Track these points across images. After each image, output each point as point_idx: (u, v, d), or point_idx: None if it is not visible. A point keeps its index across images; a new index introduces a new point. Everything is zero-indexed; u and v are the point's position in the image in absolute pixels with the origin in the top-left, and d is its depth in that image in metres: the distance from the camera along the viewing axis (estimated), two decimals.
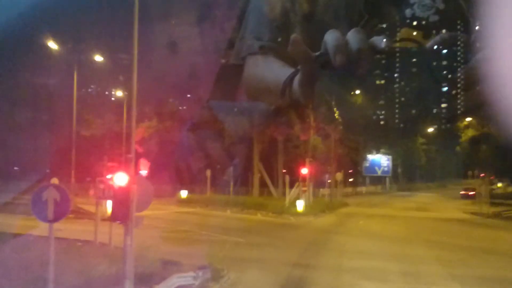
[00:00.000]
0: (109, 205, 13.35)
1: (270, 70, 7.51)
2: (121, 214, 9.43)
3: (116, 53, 33.36)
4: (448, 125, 74.46)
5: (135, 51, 10.76)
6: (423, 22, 7.37)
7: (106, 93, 50.02)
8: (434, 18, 7.22)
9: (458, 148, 54.28)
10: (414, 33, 7.45)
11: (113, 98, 47.14)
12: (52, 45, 28.77)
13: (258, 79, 7.75)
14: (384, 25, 7.76)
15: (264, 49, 7.61)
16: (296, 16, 7.66)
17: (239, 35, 8.26)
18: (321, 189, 41.23)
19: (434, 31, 7.37)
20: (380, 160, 63.12)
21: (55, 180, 17.75)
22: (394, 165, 64.86)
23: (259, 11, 7.97)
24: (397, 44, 7.67)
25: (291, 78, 6.53)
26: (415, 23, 7.44)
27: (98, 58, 31.74)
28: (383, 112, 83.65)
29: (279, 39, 7.63)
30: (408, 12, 7.49)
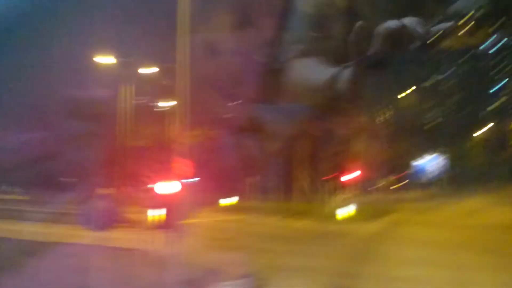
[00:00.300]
0: (155, 213, 13.66)
1: (315, 70, 7.50)
2: (166, 222, 9.63)
3: (163, 63, 34.17)
4: (503, 124, 71.37)
5: (183, 58, 10.98)
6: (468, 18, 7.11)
7: (155, 103, 51.32)
8: (480, 13, 6.95)
9: None
10: (460, 30, 7.21)
11: (161, 109, 48.23)
12: (101, 59, 29.82)
13: (302, 80, 7.75)
14: (427, 21, 7.56)
15: (306, 52, 7.62)
16: (336, 19, 7.62)
17: (279, 40, 8.30)
18: (368, 195, 40.38)
19: (481, 27, 7.10)
20: (432, 163, 61.14)
21: (104, 190, 18.36)
22: (447, 168, 62.64)
23: (299, 16, 7.99)
24: (442, 42, 7.45)
25: (339, 74, 6.51)
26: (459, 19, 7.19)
27: (153, 69, 32.68)
28: (434, 113, 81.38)
29: (320, 42, 7.61)
30: (452, 8, 7.24)
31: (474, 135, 67.89)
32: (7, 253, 13.20)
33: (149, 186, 14.61)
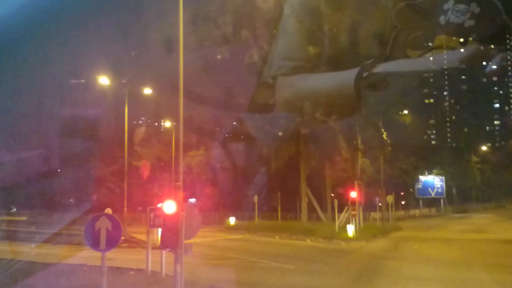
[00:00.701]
0: (160, 233, 13.55)
1: (308, 85, 7.49)
2: (171, 242, 9.55)
3: (163, 83, 34.33)
4: (503, 143, 71.51)
5: (181, 80, 11.03)
6: (459, 28, 7.12)
7: (156, 124, 51.54)
8: (470, 23, 6.95)
9: None
10: (449, 40, 7.20)
11: (162, 129, 48.45)
12: (104, 80, 29.97)
13: (295, 95, 7.74)
14: (418, 34, 7.56)
15: (297, 68, 7.63)
16: (326, 35, 7.65)
17: (269, 57, 8.35)
18: (372, 213, 40.23)
19: (471, 37, 7.10)
20: (433, 181, 61.09)
21: (107, 210, 18.27)
22: (448, 186, 62.60)
23: (289, 33, 8.02)
24: (432, 52, 7.42)
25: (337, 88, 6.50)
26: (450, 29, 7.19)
27: (147, 91, 32.79)
28: (434, 131, 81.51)
29: (311, 58, 7.64)
30: (442, 19, 7.25)
31: (478, 151, 68.07)
32: (10, 273, 13.08)
33: (154, 206, 14.52)
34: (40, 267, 14.63)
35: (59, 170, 44.15)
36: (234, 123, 42.89)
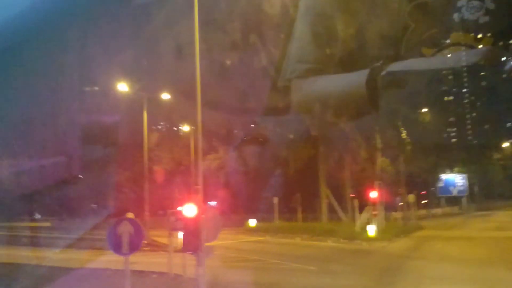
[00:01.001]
0: (181, 236, 13.66)
1: (321, 87, 7.49)
2: (192, 245, 9.61)
3: (180, 89, 34.56)
4: None
5: (198, 85, 11.13)
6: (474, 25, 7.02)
7: (174, 128, 51.92)
8: (485, 19, 6.86)
9: None
10: (465, 37, 7.11)
11: (181, 133, 48.78)
12: (123, 87, 30.32)
13: (309, 97, 7.74)
14: (433, 32, 7.48)
15: (310, 71, 7.63)
16: (339, 36, 7.62)
17: (284, 61, 8.36)
18: (393, 213, 39.83)
19: (487, 33, 7.00)
20: (455, 179, 60.21)
21: (130, 214, 18.44)
22: (470, 184, 61.60)
23: (302, 36, 8.02)
24: (449, 50, 7.34)
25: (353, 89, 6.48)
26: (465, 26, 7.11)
27: (165, 96, 33.05)
28: (454, 129, 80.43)
29: (324, 60, 7.63)
30: (456, 16, 7.17)
31: (500, 147, 66.95)
32: (35, 279, 13.31)
33: (174, 209, 14.64)
34: (64, 272, 14.86)
35: (80, 176, 44.77)
36: (252, 125, 42.98)
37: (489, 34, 7.03)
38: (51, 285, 12.33)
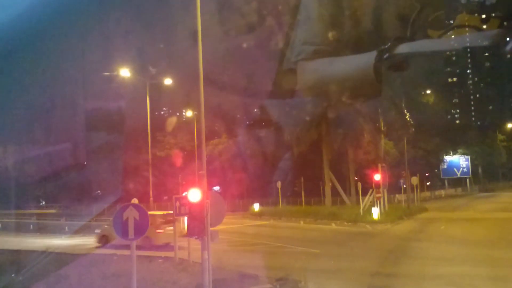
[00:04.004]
0: (186, 221, 13.76)
1: (328, 69, 7.47)
2: (197, 230, 9.67)
3: (186, 73, 34.35)
4: None
5: (201, 70, 11.09)
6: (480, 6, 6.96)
7: (177, 114, 51.86)
8: (491, 0, 6.79)
9: None
10: (471, 18, 7.05)
11: (184, 119, 48.67)
12: (125, 72, 30.08)
13: (316, 79, 7.72)
14: (439, 14, 7.42)
15: (317, 53, 7.59)
16: (346, 18, 7.57)
17: (290, 43, 8.31)
18: (396, 195, 39.91)
19: (492, 14, 6.93)
20: (459, 161, 60.21)
21: (134, 200, 18.59)
22: (474, 165, 61.58)
23: (309, 18, 7.97)
24: (454, 31, 7.27)
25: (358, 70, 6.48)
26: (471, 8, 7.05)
27: (168, 81, 32.81)
28: (458, 110, 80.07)
29: (331, 42, 7.59)
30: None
31: (504, 129, 66.61)
32: (43, 265, 13.47)
33: (180, 194, 14.74)
34: (71, 257, 15.04)
35: (85, 163, 45.01)
36: (256, 110, 42.90)
37: (493, 15, 6.95)
38: (59, 270, 12.47)
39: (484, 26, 6.88)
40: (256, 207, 36.52)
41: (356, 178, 37.08)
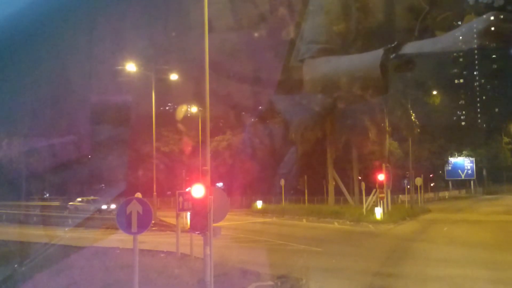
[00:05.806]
0: (189, 217, 13.80)
1: (333, 67, 7.48)
2: (200, 225, 9.70)
3: (190, 68, 34.29)
4: None
5: (207, 68, 11.10)
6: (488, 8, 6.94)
7: (183, 109, 51.81)
8: (500, 2, 6.76)
9: None
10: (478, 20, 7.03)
11: (189, 115, 48.59)
12: (131, 67, 30.06)
13: (321, 77, 7.74)
14: (447, 15, 7.41)
15: (323, 51, 7.60)
16: (352, 17, 7.56)
17: (297, 41, 8.32)
18: (400, 195, 39.86)
19: (501, 16, 6.90)
20: (463, 162, 60.02)
21: (137, 194, 18.62)
22: (478, 168, 61.39)
23: (316, 16, 7.97)
24: (461, 32, 7.25)
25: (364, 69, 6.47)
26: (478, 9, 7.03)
27: (173, 76, 32.79)
28: (463, 112, 79.64)
29: (336, 40, 7.59)
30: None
31: (509, 131, 66.28)
32: (45, 256, 13.55)
33: (184, 190, 14.80)
34: (74, 250, 15.13)
35: (90, 156, 45.18)
36: (260, 107, 42.83)
37: (501, 17, 6.91)
38: (62, 262, 12.55)
39: (492, 28, 6.86)
40: (259, 204, 36.57)
41: (359, 178, 37.05)
